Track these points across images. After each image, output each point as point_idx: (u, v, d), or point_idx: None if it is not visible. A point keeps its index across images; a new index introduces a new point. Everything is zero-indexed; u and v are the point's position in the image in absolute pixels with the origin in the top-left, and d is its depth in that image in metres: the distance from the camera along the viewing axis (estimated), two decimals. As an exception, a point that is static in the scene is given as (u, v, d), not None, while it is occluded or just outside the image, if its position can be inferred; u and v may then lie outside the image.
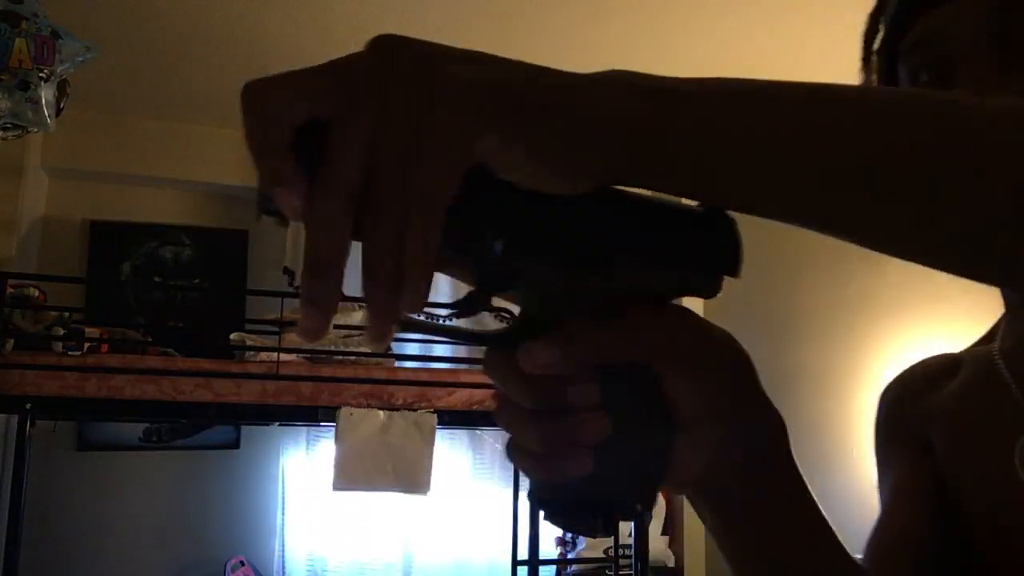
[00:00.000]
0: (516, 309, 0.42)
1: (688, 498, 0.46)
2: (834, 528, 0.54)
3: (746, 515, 0.46)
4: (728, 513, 0.46)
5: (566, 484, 0.39)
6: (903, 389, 0.72)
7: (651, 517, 0.42)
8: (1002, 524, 0.60)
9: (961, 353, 0.70)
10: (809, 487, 0.49)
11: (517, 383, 0.39)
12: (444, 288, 4.01)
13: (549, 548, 3.87)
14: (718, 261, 0.38)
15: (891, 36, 0.64)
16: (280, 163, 0.32)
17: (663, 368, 0.40)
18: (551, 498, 0.41)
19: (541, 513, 0.41)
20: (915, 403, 0.69)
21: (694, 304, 3.06)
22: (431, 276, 0.34)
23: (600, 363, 0.38)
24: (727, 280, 0.39)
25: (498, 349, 0.40)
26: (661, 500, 4.02)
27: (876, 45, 0.70)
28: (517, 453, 0.40)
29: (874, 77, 0.71)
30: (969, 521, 0.61)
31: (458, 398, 2.89)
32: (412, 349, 3.86)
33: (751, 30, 2.83)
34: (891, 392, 0.73)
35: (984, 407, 0.63)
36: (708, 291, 0.39)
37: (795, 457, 0.47)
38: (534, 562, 3.70)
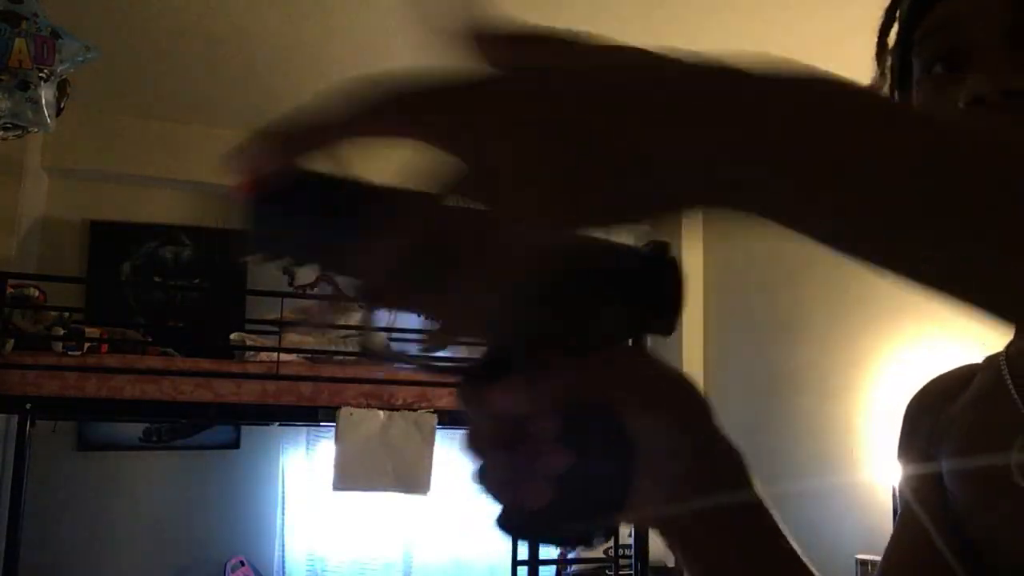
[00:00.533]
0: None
1: (662, 537, 0.46)
2: (834, 529, 0.54)
3: (715, 559, 0.47)
4: (694, 554, 0.46)
5: (529, 511, 0.41)
6: (920, 403, 0.72)
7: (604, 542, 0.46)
8: (1003, 539, 0.58)
9: (980, 363, 0.70)
10: (784, 531, 0.49)
11: (484, 415, 0.41)
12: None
13: (549, 548, 3.87)
14: (664, 300, 0.39)
15: (906, 27, 0.63)
16: None
17: (622, 405, 0.41)
18: (515, 525, 0.42)
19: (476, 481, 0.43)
20: (929, 417, 0.69)
21: (694, 317, 3.06)
22: None
23: (561, 402, 0.39)
24: (728, 281, 0.40)
25: (469, 382, 0.41)
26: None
27: (891, 38, 0.69)
28: (484, 480, 0.42)
29: (887, 70, 0.70)
30: (972, 538, 0.60)
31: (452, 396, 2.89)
32: (412, 349, 3.86)
33: (754, 27, 2.83)
34: (911, 407, 0.73)
35: (987, 417, 0.63)
36: (663, 330, 0.39)
37: (796, 456, 0.47)
38: (534, 562, 3.70)
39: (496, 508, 0.43)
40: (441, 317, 0.37)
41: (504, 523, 0.42)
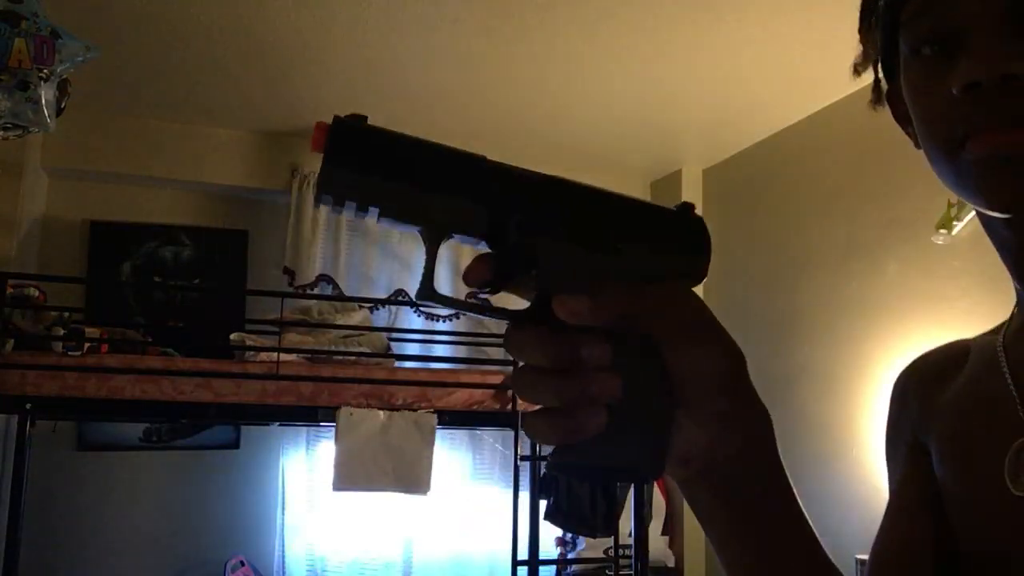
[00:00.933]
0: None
1: (689, 488, 0.48)
2: (834, 529, 0.57)
3: (744, 509, 0.50)
4: (726, 501, 0.49)
5: (582, 450, 0.43)
6: (908, 383, 0.68)
7: (651, 503, 0.52)
8: (992, 542, 0.55)
9: (973, 340, 0.66)
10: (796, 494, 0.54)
11: (538, 347, 0.42)
12: (445, 288, 4.01)
13: (549, 548, 3.87)
14: (696, 247, 0.46)
15: (892, 5, 0.61)
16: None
17: (671, 337, 0.44)
18: (570, 463, 0.44)
19: (541, 513, 0.50)
20: (918, 400, 0.66)
21: None
22: None
23: (614, 324, 0.42)
24: (730, 281, 0.44)
25: (520, 324, 0.43)
26: (661, 500, 4.02)
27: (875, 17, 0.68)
28: (535, 422, 0.43)
29: (871, 50, 0.68)
30: (961, 536, 0.57)
31: (458, 398, 2.89)
32: (412, 349, 3.87)
33: (751, 31, 2.82)
34: (898, 386, 0.69)
35: (979, 406, 0.60)
36: (695, 275, 0.47)
37: (796, 456, 0.50)
38: (534, 562, 3.70)
39: (551, 455, 0.45)
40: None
41: (560, 463, 0.44)
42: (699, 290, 0.47)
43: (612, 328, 0.42)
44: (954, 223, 2.71)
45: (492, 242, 0.45)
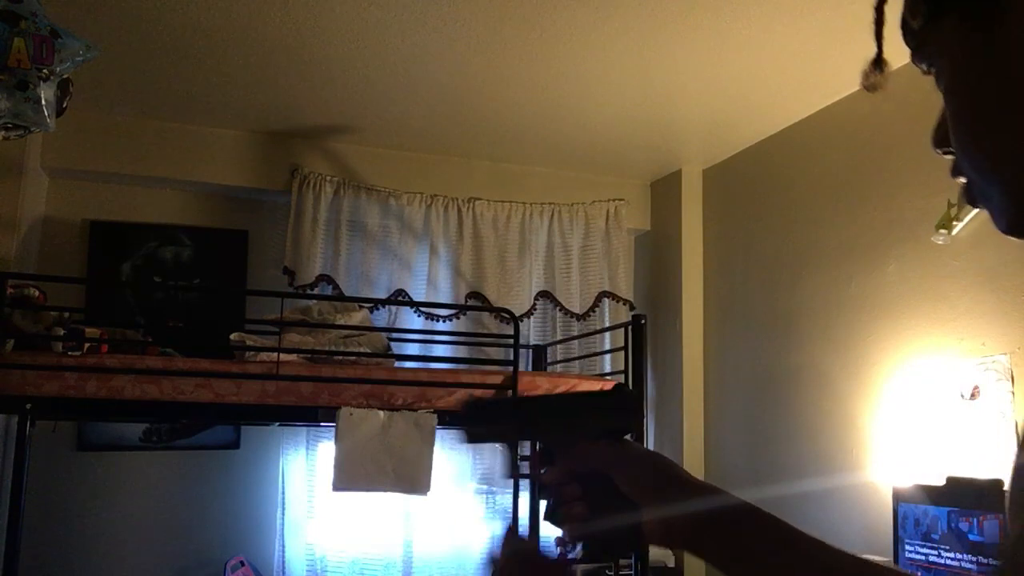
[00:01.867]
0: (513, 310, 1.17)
1: (692, 552, 0.72)
2: (834, 529, 0.59)
3: (729, 561, 0.70)
4: (714, 561, 0.71)
5: (592, 541, 0.82)
6: None
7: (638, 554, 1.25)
8: None
9: None
10: (793, 526, 0.70)
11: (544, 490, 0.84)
12: (444, 288, 4.02)
13: (549, 548, 3.86)
14: (630, 418, 0.80)
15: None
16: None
17: (612, 473, 0.76)
18: (587, 548, 0.84)
19: (541, 513, 0.79)
20: None
21: (694, 317, 3.08)
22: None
23: (577, 474, 0.78)
24: (730, 281, 0.55)
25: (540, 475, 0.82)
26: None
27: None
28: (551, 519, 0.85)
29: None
30: None
31: (458, 398, 2.89)
32: (412, 349, 3.87)
33: (751, 32, 2.82)
34: None
35: None
36: (627, 430, 0.81)
37: (796, 456, 0.60)
38: (534, 562, 3.70)
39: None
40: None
41: (586, 552, 0.85)
42: (697, 292, 0.49)
43: (582, 474, 0.77)
44: (954, 223, 2.71)
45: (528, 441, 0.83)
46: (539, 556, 0.89)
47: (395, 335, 3.64)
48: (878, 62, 0.70)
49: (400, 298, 3.90)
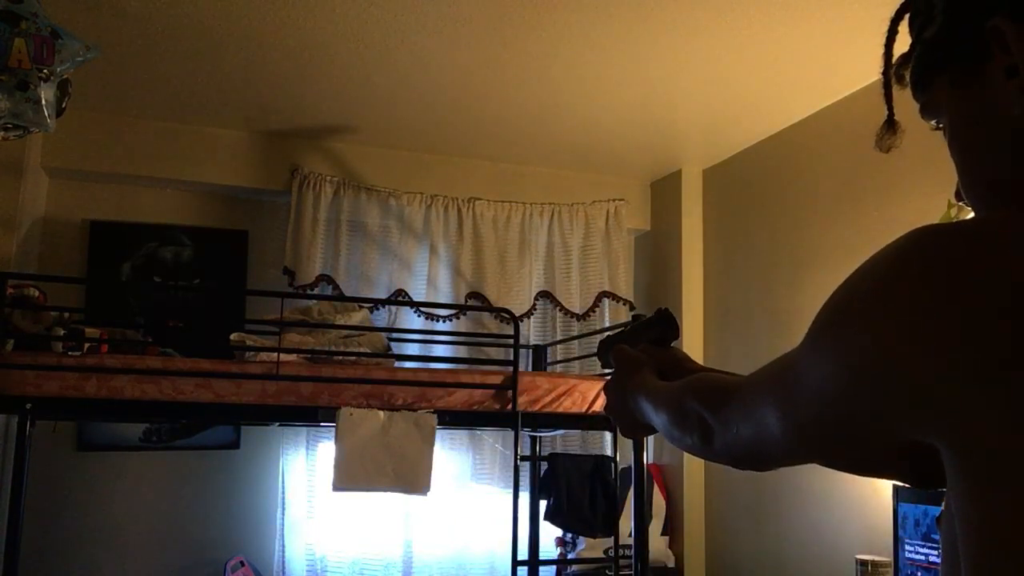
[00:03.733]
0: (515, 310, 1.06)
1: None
2: (834, 529, 0.63)
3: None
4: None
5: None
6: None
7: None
8: None
9: None
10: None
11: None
12: (444, 288, 4.02)
13: (549, 548, 3.87)
14: (673, 328, 1.06)
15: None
16: None
17: (664, 365, 1.02)
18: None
19: (541, 513, 0.84)
20: None
21: (694, 316, 3.10)
22: None
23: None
24: (730, 281, 0.53)
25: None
26: (661, 500, 4.02)
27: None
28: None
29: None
30: None
31: (458, 398, 2.89)
32: (412, 349, 3.87)
33: (750, 32, 2.82)
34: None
35: None
36: (674, 337, 1.06)
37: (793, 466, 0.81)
38: (534, 562, 3.70)
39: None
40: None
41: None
42: (697, 291, 0.50)
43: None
44: (954, 223, 2.71)
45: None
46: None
47: (395, 335, 3.64)
48: (890, 123, 0.81)
49: (400, 298, 3.90)
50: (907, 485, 0.95)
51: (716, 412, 0.77)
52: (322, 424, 2.88)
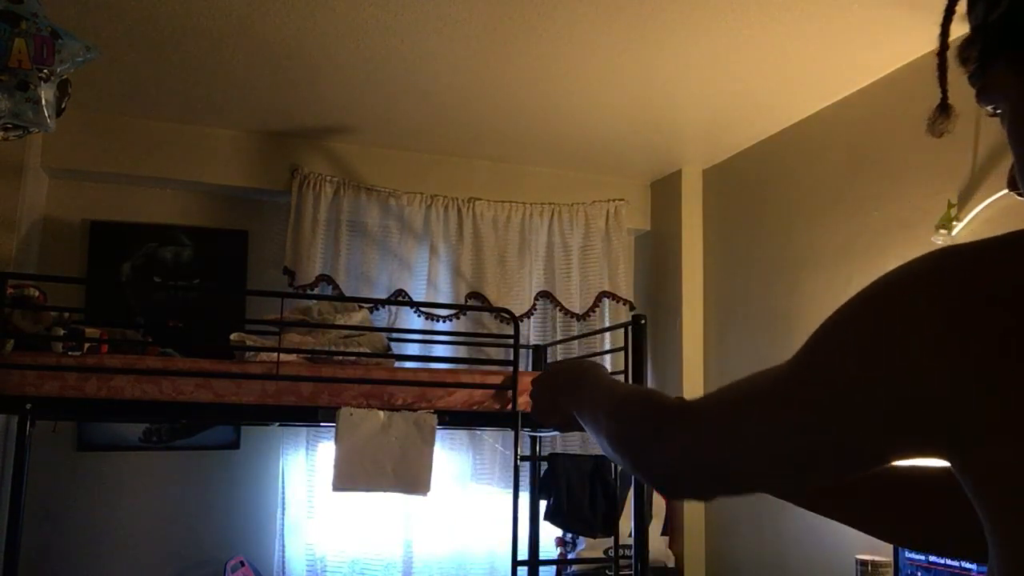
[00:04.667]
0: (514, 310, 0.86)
1: None
2: (834, 529, 0.65)
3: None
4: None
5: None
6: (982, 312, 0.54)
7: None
8: None
9: None
10: None
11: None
12: (444, 288, 4.02)
13: (549, 548, 3.87)
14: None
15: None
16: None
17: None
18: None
19: (541, 513, 0.83)
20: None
21: (694, 316, 3.14)
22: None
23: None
24: (730, 281, 0.55)
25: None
26: (661, 500, 4.02)
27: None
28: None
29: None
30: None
31: (458, 398, 2.89)
32: (412, 349, 3.87)
33: (750, 32, 2.82)
34: (959, 302, 0.53)
35: None
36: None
37: None
38: (534, 562, 3.70)
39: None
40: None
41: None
42: (697, 291, 0.51)
43: None
44: (954, 223, 2.71)
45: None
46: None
47: (395, 335, 3.64)
48: (944, 107, 0.75)
49: (400, 298, 3.90)
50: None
51: (661, 431, 0.71)
52: (322, 424, 2.88)
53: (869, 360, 0.56)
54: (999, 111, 0.67)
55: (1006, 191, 2.57)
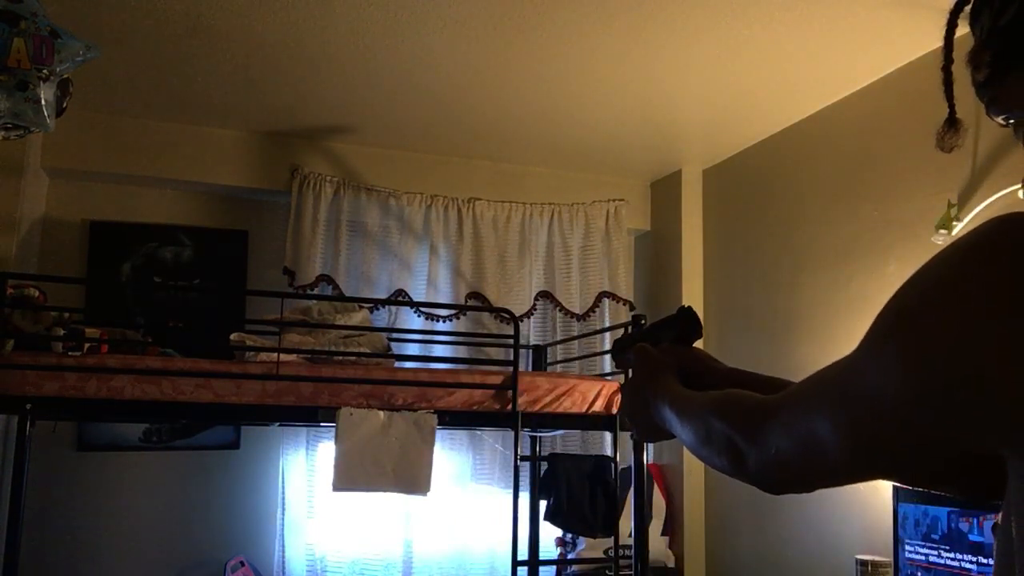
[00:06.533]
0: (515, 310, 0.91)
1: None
2: (834, 529, 0.64)
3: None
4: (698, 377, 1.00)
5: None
6: None
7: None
8: None
9: None
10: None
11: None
12: (444, 288, 4.02)
13: (549, 548, 3.87)
14: (696, 327, 1.01)
15: None
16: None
17: (687, 363, 1.01)
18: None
19: (541, 513, 0.94)
20: None
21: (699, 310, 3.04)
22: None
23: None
24: (730, 281, 0.54)
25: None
26: (661, 500, 4.02)
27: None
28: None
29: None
30: None
31: (458, 398, 2.89)
32: (412, 349, 3.86)
33: (750, 32, 2.82)
34: None
35: None
36: (697, 336, 1.02)
37: None
38: (534, 562, 3.70)
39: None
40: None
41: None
42: (697, 291, 0.50)
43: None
44: (954, 223, 2.71)
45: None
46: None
47: (395, 335, 3.64)
48: (952, 121, 0.72)
49: (400, 298, 3.90)
50: (956, 496, 0.90)
51: (748, 433, 0.71)
52: (322, 424, 2.88)
53: (944, 346, 0.52)
54: (1012, 121, 0.64)
55: (1007, 190, 2.57)
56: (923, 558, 2.55)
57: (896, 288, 0.59)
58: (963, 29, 0.70)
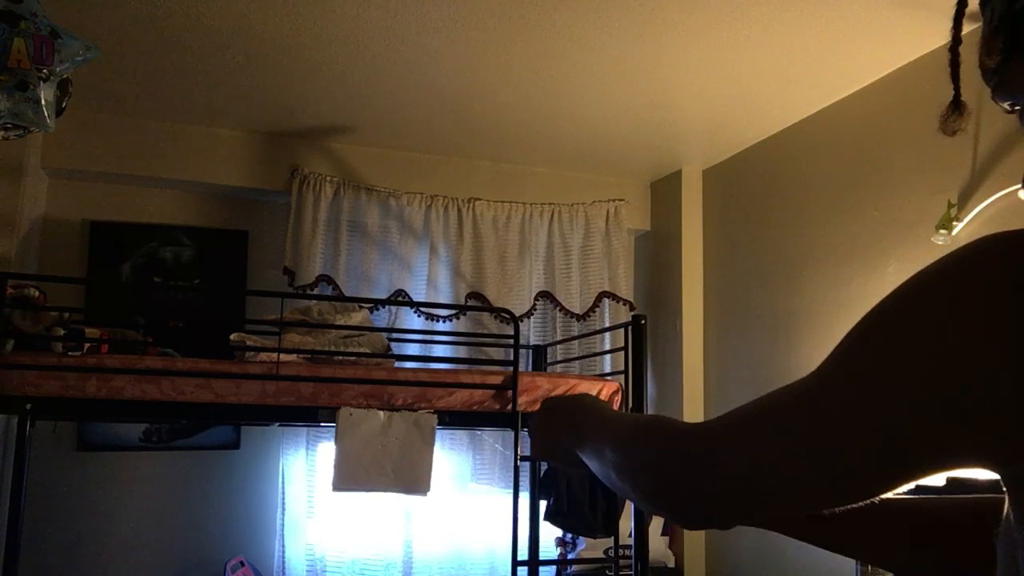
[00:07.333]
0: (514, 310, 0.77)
1: None
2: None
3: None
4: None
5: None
6: None
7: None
8: None
9: None
10: None
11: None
12: (444, 289, 4.02)
13: (549, 548, 3.87)
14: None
15: None
16: None
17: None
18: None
19: (541, 513, 0.87)
20: None
21: (694, 316, 3.12)
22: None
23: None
24: (730, 282, 0.53)
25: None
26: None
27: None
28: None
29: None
30: None
31: (458, 398, 2.89)
32: (412, 350, 3.87)
33: (750, 32, 2.82)
34: None
35: None
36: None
37: None
38: (534, 562, 3.70)
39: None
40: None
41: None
42: (697, 291, 0.50)
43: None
44: (954, 223, 2.71)
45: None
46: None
47: (395, 335, 3.64)
48: (956, 104, 0.70)
49: (400, 298, 3.90)
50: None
51: (683, 460, 0.64)
52: (322, 424, 2.88)
53: (910, 361, 0.51)
54: (1018, 107, 0.64)
55: (1007, 190, 2.57)
56: (923, 558, 2.54)
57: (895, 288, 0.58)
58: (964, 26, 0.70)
